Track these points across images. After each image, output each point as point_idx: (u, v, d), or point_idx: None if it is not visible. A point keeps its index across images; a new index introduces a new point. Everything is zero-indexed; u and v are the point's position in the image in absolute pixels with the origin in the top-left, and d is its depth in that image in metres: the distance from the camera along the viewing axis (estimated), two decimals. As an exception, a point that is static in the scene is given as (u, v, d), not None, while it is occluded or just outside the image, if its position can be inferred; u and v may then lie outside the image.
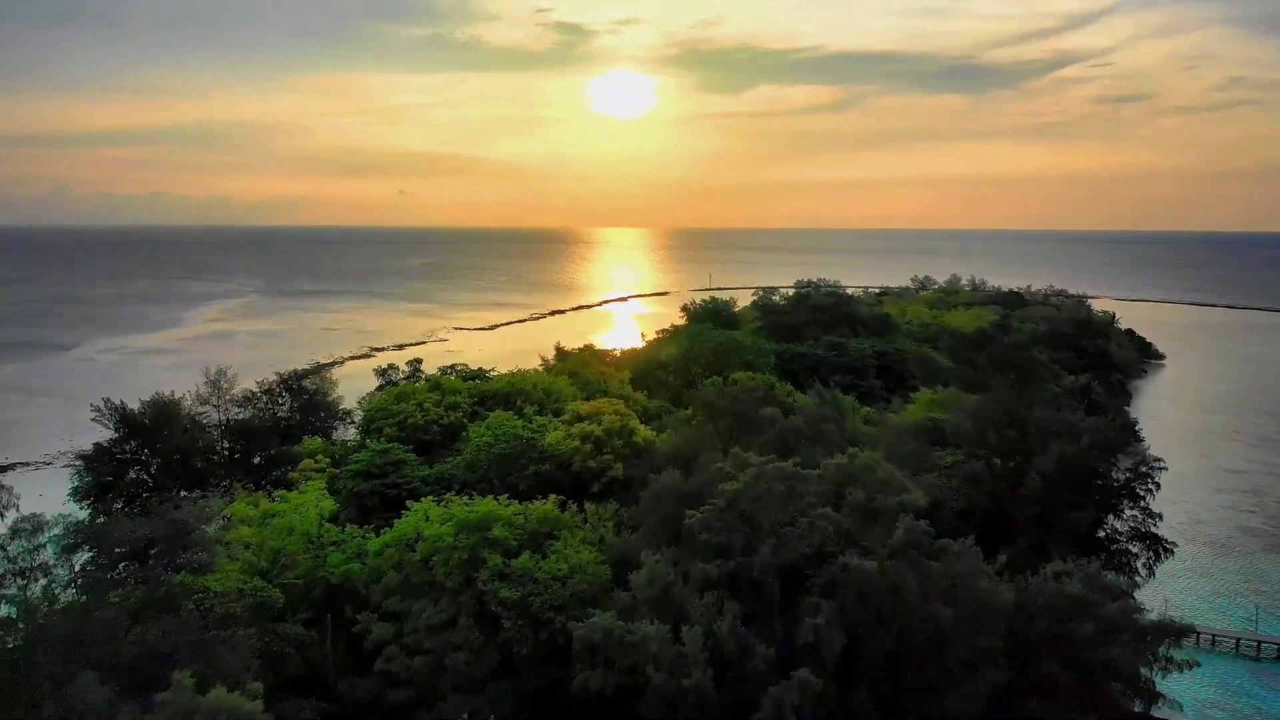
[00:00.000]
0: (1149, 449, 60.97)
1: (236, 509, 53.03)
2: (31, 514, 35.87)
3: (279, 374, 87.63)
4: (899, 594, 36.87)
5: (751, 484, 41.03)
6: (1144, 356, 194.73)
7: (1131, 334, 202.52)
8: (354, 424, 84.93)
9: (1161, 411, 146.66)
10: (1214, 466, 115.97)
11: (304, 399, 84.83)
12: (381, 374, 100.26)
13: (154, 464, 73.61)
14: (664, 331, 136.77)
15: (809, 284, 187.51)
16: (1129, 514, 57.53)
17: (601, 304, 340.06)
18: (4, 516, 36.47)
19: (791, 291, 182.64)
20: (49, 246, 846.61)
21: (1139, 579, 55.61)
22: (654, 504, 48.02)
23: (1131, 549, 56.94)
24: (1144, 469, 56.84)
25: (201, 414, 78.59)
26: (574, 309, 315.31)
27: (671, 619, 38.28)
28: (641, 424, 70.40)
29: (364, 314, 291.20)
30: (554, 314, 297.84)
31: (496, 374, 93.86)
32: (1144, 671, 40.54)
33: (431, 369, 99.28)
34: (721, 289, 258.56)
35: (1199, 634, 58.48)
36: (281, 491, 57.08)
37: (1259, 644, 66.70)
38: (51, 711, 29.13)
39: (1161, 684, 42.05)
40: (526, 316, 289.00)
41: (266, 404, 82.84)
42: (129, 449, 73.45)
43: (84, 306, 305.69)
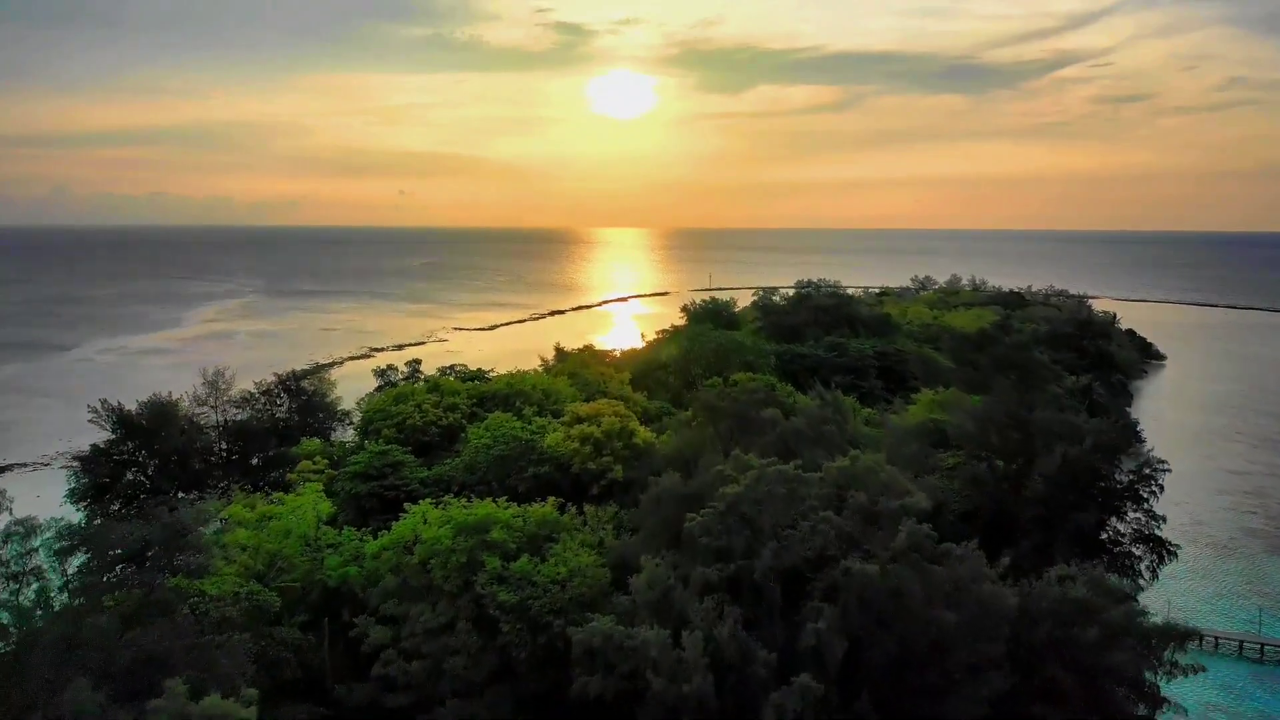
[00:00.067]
0: (1152, 451, 60.42)
1: (233, 511, 52.64)
2: (24, 517, 35.44)
3: (277, 375, 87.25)
4: (901, 598, 36.50)
5: (752, 487, 40.63)
6: (1145, 357, 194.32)
7: (1132, 334, 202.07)
8: (352, 425, 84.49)
9: (1163, 412, 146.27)
10: (1216, 467, 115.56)
11: (302, 400, 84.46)
12: (380, 375, 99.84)
13: (151, 465, 73.20)
14: (664, 332, 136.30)
15: (809, 284, 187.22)
16: (1132, 516, 57.12)
17: (601, 304, 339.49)
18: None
19: (792, 292, 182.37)
20: (49, 246, 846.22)
21: (1142, 582, 55.24)
22: (654, 507, 47.63)
23: (1135, 551, 56.54)
24: (1147, 471, 56.44)
25: (199, 415, 78.27)
26: (574, 309, 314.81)
27: (671, 623, 37.88)
28: (641, 425, 70.01)
29: (363, 314, 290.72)
30: (554, 314, 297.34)
31: (496, 375, 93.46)
32: (1148, 676, 40.18)
33: (431, 369, 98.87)
34: (721, 289, 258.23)
35: (1202, 636, 58.11)
36: (278, 494, 56.71)
37: (1262, 646, 66.34)
38: (43, 718, 28.77)
39: (1165, 688, 41.70)
40: (526, 317, 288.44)
41: (265, 405, 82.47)
42: (126, 450, 73.07)
43: (83, 306, 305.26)
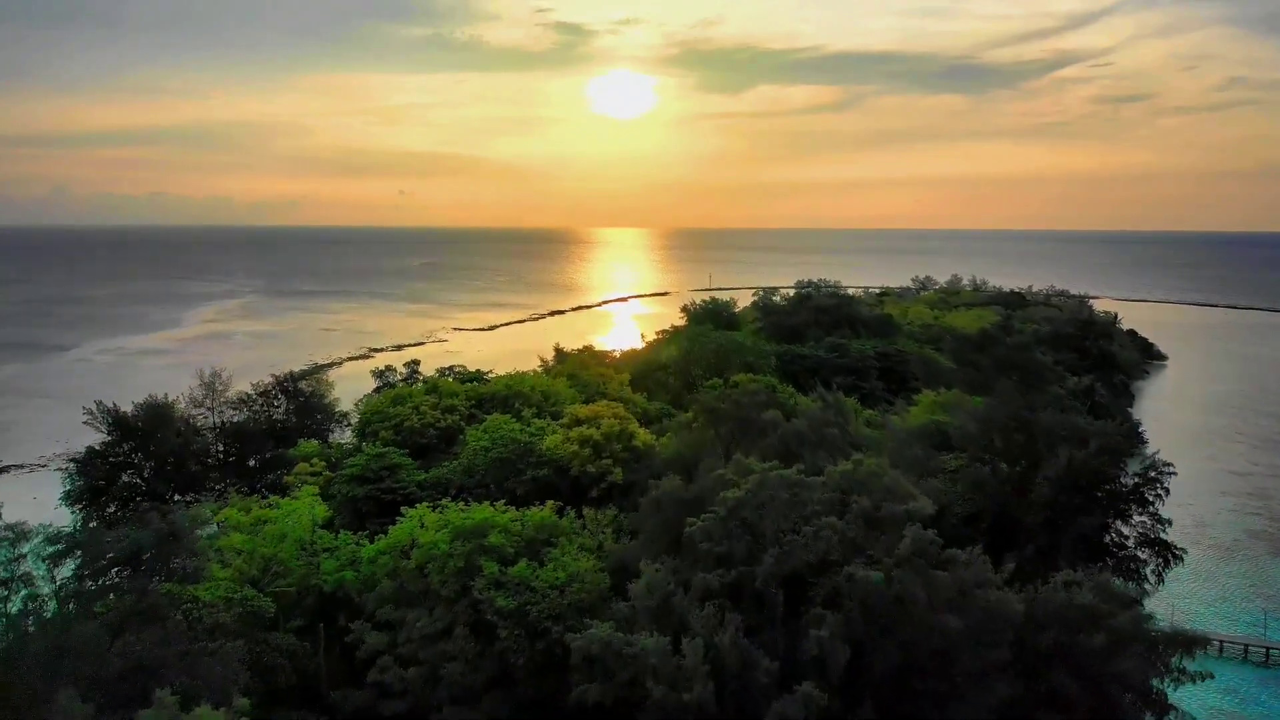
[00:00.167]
0: (1158, 453, 59.76)
1: (227, 515, 52.11)
2: (14, 522, 34.88)
3: (275, 376, 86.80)
4: (905, 604, 35.92)
5: (754, 491, 40.06)
6: (1146, 357, 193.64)
7: (1134, 334, 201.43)
8: (350, 427, 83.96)
9: (1164, 413, 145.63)
10: (1218, 468, 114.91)
11: (300, 401, 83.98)
12: (378, 376, 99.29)
13: (147, 467, 72.70)
14: (664, 332, 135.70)
15: (809, 284, 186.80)
16: (1137, 519, 56.51)
17: (601, 304, 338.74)
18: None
19: (792, 292, 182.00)
20: (49, 246, 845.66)
21: (1148, 586, 54.64)
22: (654, 510, 47.08)
23: (1140, 555, 55.95)
24: (1153, 474, 55.83)
25: (196, 416, 77.77)
26: (573, 309, 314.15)
27: (672, 630, 37.30)
28: (641, 426, 69.49)
29: (363, 314, 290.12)
30: (553, 314, 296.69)
31: (494, 376, 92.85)
32: (1155, 683, 39.59)
33: (430, 370, 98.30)
34: (721, 289, 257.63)
35: (1207, 641, 57.44)
36: (274, 497, 56.16)
37: (1268, 650, 65.72)
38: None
39: (1172, 694, 41.14)
40: (526, 317, 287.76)
41: (262, 406, 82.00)
42: (122, 452, 72.57)
43: (83, 307, 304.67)
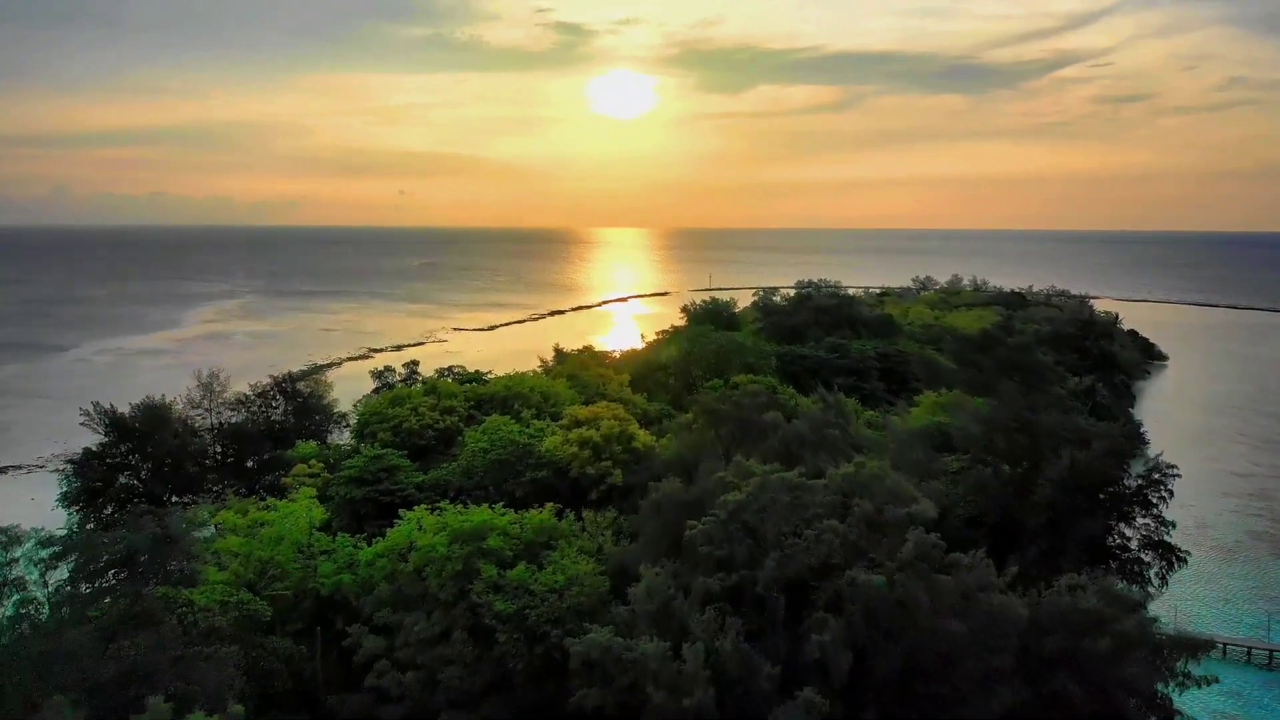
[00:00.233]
0: (1161, 455, 59.32)
1: (224, 518, 51.71)
2: (7, 526, 34.48)
3: (272, 376, 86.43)
4: (908, 609, 35.53)
5: (755, 495, 39.66)
6: (1147, 357, 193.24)
7: (1134, 335, 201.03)
8: (349, 428, 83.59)
9: (1166, 413, 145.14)
10: (1220, 469, 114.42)
11: (298, 402, 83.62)
12: (377, 376, 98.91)
13: (145, 469, 72.32)
14: (664, 332, 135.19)
15: (810, 284, 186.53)
16: (1141, 522, 56.07)
17: (601, 304, 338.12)
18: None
19: (792, 292, 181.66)
20: (49, 246, 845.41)
21: (1151, 589, 54.17)
22: (654, 513, 46.69)
23: (1144, 558, 55.50)
24: (1156, 476, 55.38)
25: (193, 418, 77.40)
26: (573, 309, 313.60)
27: (672, 635, 36.89)
28: (641, 427, 69.09)
29: (363, 314, 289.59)
30: (553, 314, 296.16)
31: (494, 377, 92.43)
32: (1160, 688, 39.19)
33: (429, 370, 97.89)
34: (721, 289, 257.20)
35: (1211, 643, 57.01)
36: (271, 500, 55.78)
37: (1271, 653, 65.33)
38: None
39: (1177, 699, 40.74)
40: (525, 317, 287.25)
41: (260, 407, 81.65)
42: (119, 453, 72.19)
43: (82, 307, 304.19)
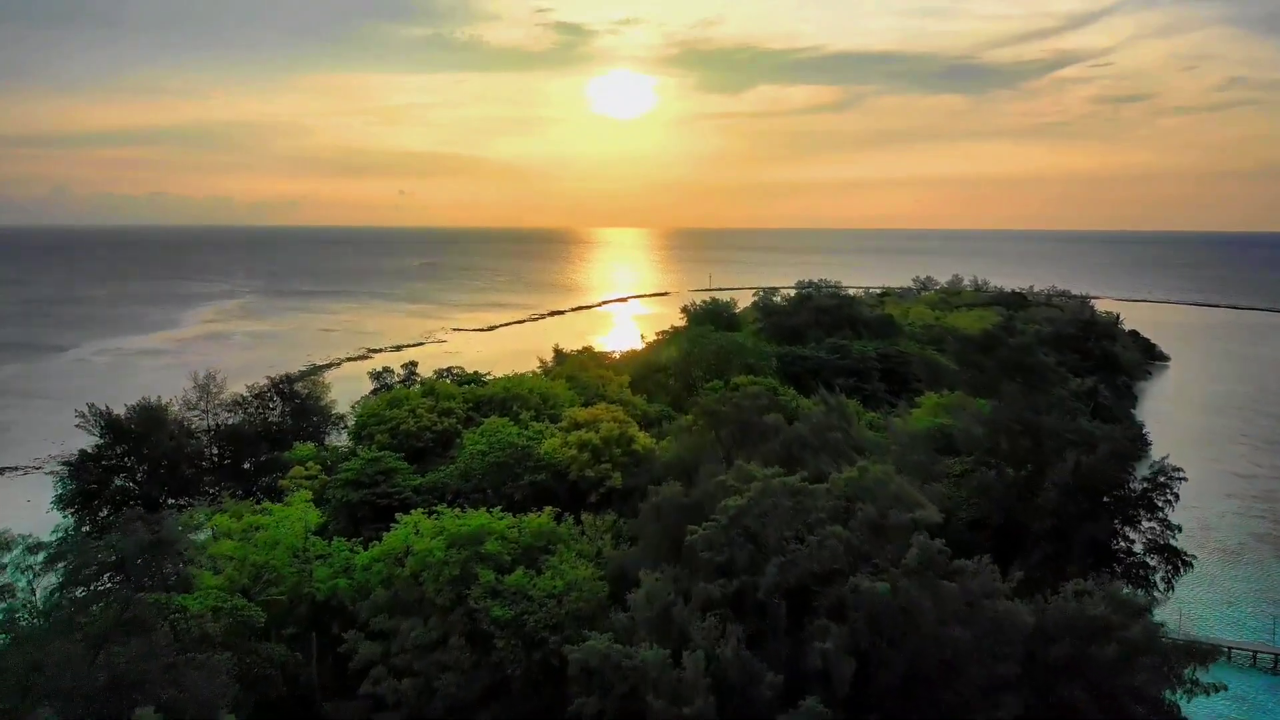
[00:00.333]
0: (1167, 457, 58.67)
1: (218, 522, 51.14)
2: (-2, 532, 33.98)
3: (270, 378, 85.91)
4: (912, 616, 34.96)
5: (757, 499, 39.08)
6: (1148, 358, 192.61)
7: (1136, 335, 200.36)
8: (347, 429, 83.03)
9: (1168, 414, 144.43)
10: (1222, 470, 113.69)
11: (295, 403, 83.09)
12: (376, 377, 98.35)
13: (140, 471, 71.77)
14: (664, 333, 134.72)
15: (810, 285, 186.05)
16: (1146, 525, 55.44)
17: (601, 304, 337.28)
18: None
19: (792, 292, 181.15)
20: (49, 246, 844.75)
21: (1157, 594, 53.51)
22: (654, 517, 46.11)
23: (1149, 562, 54.87)
24: (1162, 479, 54.76)
25: (190, 419, 76.84)
26: (573, 309, 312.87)
27: (672, 642, 36.32)
28: (641, 429, 68.54)
29: (362, 315, 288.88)
30: (553, 314, 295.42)
31: (493, 378, 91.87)
32: (1168, 695, 38.60)
33: (429, 371, 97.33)
34: (722, 289, 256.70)
35: (1211, 645, 56.41)
36: (266, 504, 55.22)
37: (1276, 658, 64.71)
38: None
39: (1185, 706, 40.14)
40: (525, 317, 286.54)
41: (257, 409, 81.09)
42: (115, 455, 71.63)
43: (82, 307, 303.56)
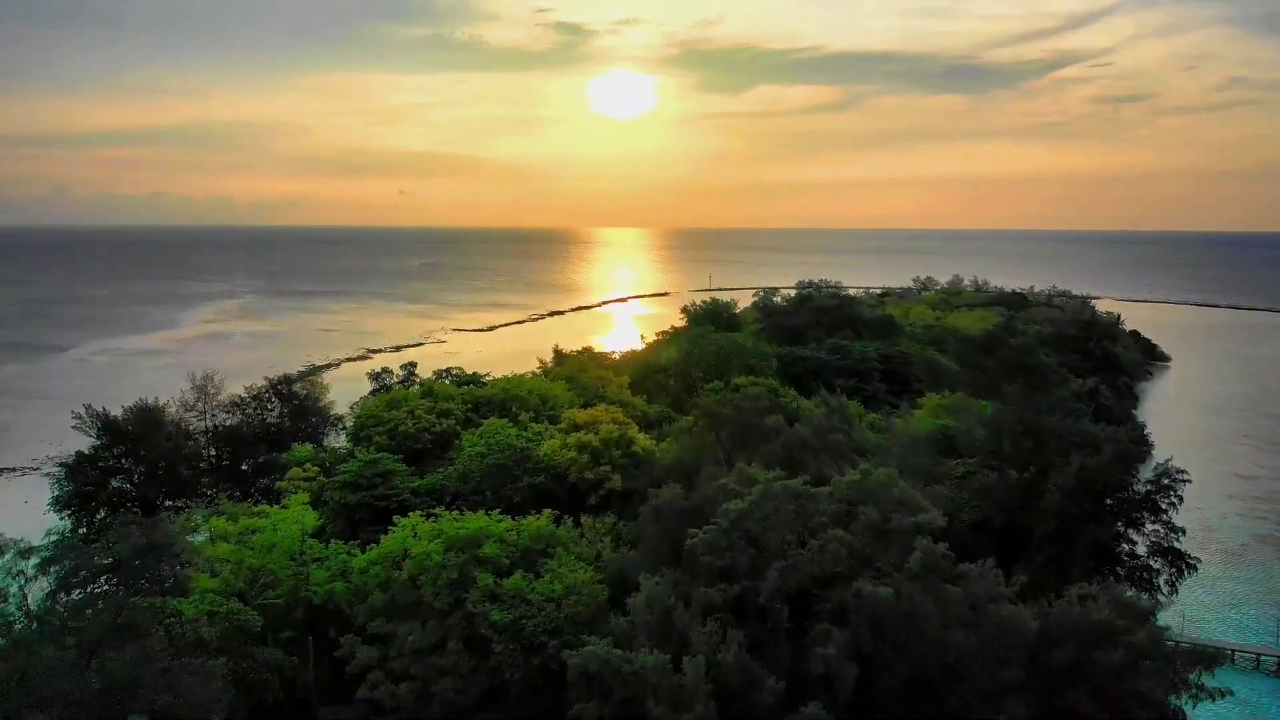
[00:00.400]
0: (1170, 459, 58.22)
1: (214, 524, 50.74)
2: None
3: (268, 378, 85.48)
4: (915, 620, 34.56)
5: (758, 502, 38.68)
6: (1149, 358, 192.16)
7: (1137, 335, 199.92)
8: (345, 430, 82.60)
9: (1169, 415, 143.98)
10: (1224, 471, 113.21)
11: (294, 404, 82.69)
12: (374, 378, 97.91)
13: (137, 472, 71.35)
14: (664, 333, 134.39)
15: (810, 285, 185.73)
16: (1150, 528, 55.00)
17: (601, 305, 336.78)
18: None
19: (793, 292, 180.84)
20: (49, 246, 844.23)
21: (1161, 597, 53.11)
22: (653, 520, 45.70)
23: (1153, 564, 54.43)
24: (1166, 481, 54.31)
25: (187, 420, 76.41)
26: (573, 310, 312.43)
27: (672, 647, 35.91)
28: (641, 430, 68.15)
29: (362, 315, 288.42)
30: (553, 315, 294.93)
31: (492, 379, 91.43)
32: (1173, 700, 38.20)
33: (428, 371, 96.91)
34: (722, 289, 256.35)
35: (1218, 651, 56.01)
36: (263, 506, 54.82)
37: (1280, 660, 64.38)
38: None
39: (1191, 712, 39.75)
40: (525, 317, 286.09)
41: (255, 410, 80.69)
42: (111, 457, 71.21)
43: (82, 307, 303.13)
